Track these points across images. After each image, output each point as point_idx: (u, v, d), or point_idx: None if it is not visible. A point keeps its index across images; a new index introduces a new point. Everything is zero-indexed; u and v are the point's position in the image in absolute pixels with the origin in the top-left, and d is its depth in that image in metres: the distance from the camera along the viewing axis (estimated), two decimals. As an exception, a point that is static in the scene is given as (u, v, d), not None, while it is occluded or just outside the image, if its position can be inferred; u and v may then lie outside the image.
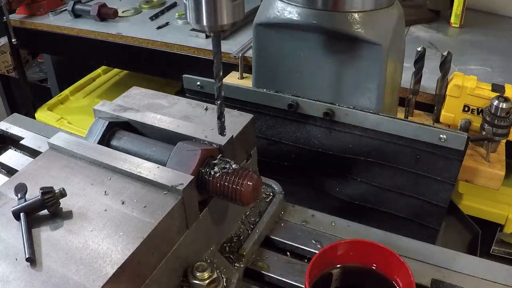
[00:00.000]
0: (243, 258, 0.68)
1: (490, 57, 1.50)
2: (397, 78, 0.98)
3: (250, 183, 0.60)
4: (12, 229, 0.55)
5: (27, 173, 0.64)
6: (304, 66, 0.90)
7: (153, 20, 1.83)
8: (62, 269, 0.51)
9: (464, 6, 1.71)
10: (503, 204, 1.30)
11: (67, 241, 0.54)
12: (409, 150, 0.85)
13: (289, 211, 0.79)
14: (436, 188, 0.86)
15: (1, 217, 0.57)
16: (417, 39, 1.65)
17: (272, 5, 0.88)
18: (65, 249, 0.53)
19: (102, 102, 0.75)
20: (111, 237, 0.54)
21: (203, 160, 0.62)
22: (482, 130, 1.07)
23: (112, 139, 0.69)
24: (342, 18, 0.82)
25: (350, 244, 0.60)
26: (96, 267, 0.50)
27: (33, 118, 1.89)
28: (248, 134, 0.74)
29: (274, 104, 0.93)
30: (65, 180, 0.62)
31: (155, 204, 0.57)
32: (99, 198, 0.59)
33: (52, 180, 0.62)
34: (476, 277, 0.68)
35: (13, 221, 0.56)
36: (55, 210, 0.56)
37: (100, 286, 0.48)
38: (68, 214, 0.57)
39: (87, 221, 0.56)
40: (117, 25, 1.82)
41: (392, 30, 0.84)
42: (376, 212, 0.93)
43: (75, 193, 0.60)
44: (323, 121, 0.90)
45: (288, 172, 0.97)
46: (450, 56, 1.10)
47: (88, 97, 2.13)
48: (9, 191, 0.61)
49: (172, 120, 0.70)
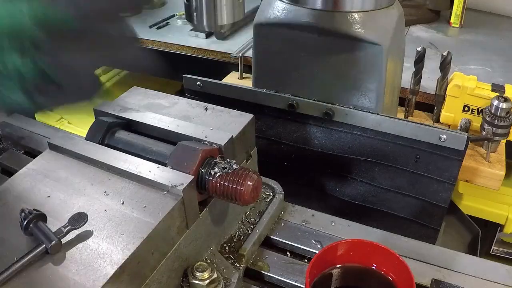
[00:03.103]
0: (243, 258, 0.68)
1: (490, 57, 1.50)
2: (397, 78, 0.98)
3: (250, 183, 0.60)
4: (12, 229, 0.55)
5: (27, 173, 0.64)
6: (304, 66, 0.90)
7: (151, 28, 1.81)
8: (62, 269, 0.51)
9: (464, 6, 1.71)
10: (503, 204, 1.30)
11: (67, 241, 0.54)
12: (409, 150, 0.85)
13: (289, 211, 0.79)
14: (436, 188, 0.86)
15: (1, 218, 0.57)
16: (417, 39, 1.65)
17: (272, 5, 0.88)
18: (64, 249, 0.53)
19: (102, 102, 0.75)
20: (111, 237, 0.54)
21: (203, 160, 0.62)
22: (482, 130, 1.07)
23: (112, 139, 0.69)
24: (342, 18, 0.82)
25: (350, 244, 0.60)
26: (96, 267, 0.50)
27: (33, 118, 1.89)
28: (248, 134, 0.74)
29: (274, 104, 0.93)
30: (65, 180, 0.62)
31: (155, 204, 0.57)
32: (99, 198, 0.59)
33: (52, 180, 0.62)
34: (476, 277, 0.68)
35: (13, 221, 0.56)
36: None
37: (100, 286, 0.48)
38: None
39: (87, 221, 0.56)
40: (117, 25, 1.81)
41: (392, 30, 0.84)
42: (376, 212, 0.93)
43: (75, 193, 0.60)
44: (323, 121, 0.90)
45: (288, 172, 0.97)
46: (450, 56, 1.10)
47: (88, 97, 2.13)
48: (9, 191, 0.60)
49: (172, 120, 0.70)
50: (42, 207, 0.56)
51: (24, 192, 0.61)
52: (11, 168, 0.85)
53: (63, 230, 0.53)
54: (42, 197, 0.60)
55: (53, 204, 0.58)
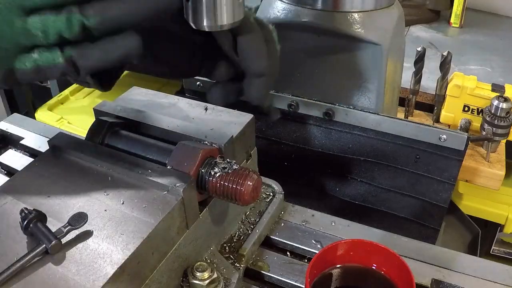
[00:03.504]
0: (243, 258, 0.68)
1: (490, 57, 1.50)
2: (397, 78, 0.98)
3: (250, 183, 0.60)
4: (12, 229, 0.55)
5: (27, 173, 0.64)
6: (304, 66, 0.90)
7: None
8: (62, 269, 0.51)
9: (464, 6, 1.71)
10: (503, 204, 1.30)
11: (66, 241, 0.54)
12: (409, 150, 0.85)
13: (289, 211, 0.79)
14: (436, 188, 0.86)
15: (1, 218, 0.57)
16: (417, 39, 1.65)
17: (272, 5, 0.88)
18: (64, 249, 0.53)
19: (102, 102, 0.75)
20: (111, 237, 0.54)
21: (203, 160, 0.62)
22: (482, 130, 1.07)
23: (112, 139, 0.69)
24: (342, 18, 0.82)
25: (350, 244, 0.60)
26: (96, 267, 0.50)
27: (33, 118, 1.89)
28: (248, 134, 0.74)
29: (274, 104, 0.93)
30: (65, 180, 0.62)
31: (155, 204, 0.57)
32: (99, 198, 0.59)
33: (52, 180, 0.62)
34: (476, 277, 0.68)
35: (13, 221, 0.56)
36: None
37: (100, 286, 0.48)
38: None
39: (87, 221, 0.56)
40: (117, 25, 1.82)
41: (392, 30, 0.84)
42: (376, 212, 0.93)
43: (75, 193, 0.60)
44: (323, 121, 0.90)
45: (288, 172, 0.97)
46: (450, 56, 1.10)
47: (88, 97, 2.13)
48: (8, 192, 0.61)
49: (172, 120, 0.70)
50: (42, 207, 0.56)
51: (24, 192, 0.61)
52: (11, 168, 0.85)
53: (63, 230, 0.53)
54: (42, 197, 0.59)
55: (53, 204, 0.58)
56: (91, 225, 0.55)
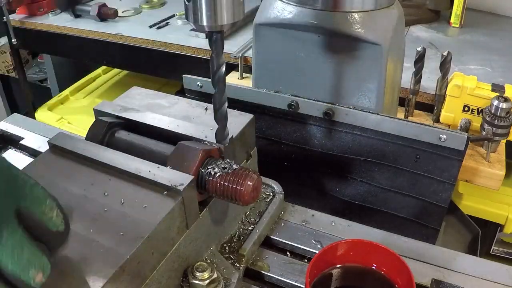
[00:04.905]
0: (243, 258, 0.68)
1: (490, 57, 1.50)
2: (397, 78, 0.98)
3: (250, 183, 0.60)
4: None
5: (27, 173, 0.64)
6: (304, 66, 0.90)
7: (151, 28, 1.81)
8: (62, 269, 0.50)
9: (464, 6, 1.71)
10: (503, 204, 1.30)
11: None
12: (409, 150, 0.85)
13: (289, 211, 0.79)
14: (436, 188, 0.86)
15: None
16: (417, 39, 1.65)
17: (272, 5, 0.88)
18: (64, 250, 0.52)
19: (102, 102, 0.75)
20: (111, 237, 0.54)
21: (203, 160, 0.62)
22: (482, 130, 1.07)
23: (112, 139, 0.69)
24: (342, 18, 0.82)
25: (350, 244, 0.60)
26: (96, 267, 0.50)
27: (33, 118, 1.89)
28: (248, 134, 0.74)
29: (274, 104, 0.93)
30: (65, 180, 0.62)
31: (155, 204, 0.57)
32: (99, 198, 0.59)
33: (51, 180, 0.62)
34: (476, 277, 0.68)
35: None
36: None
37: (100, 286, 0.48)
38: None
39: (87, 221, 0.56)
40: (117, 25, 1.82)
41: (392, 30, 0.84)
42: (376, 212, 0.93)
43: (75, 193, 0.60)
44: (323, 121, 0.90)
45: (288, 172, 0.97)
46: (450, 56, 1.10)
47: (88, 97, 2.14)
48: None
49: (172, 120, 0.70)
50: (42, 207, 0.56)
51: (24, 192, 0.60)
52: (11, 168, 0.85)
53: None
54: (42, 197, 0.59)
55: (53, 204, 0.58)
56: (91, 225, 0.55)
